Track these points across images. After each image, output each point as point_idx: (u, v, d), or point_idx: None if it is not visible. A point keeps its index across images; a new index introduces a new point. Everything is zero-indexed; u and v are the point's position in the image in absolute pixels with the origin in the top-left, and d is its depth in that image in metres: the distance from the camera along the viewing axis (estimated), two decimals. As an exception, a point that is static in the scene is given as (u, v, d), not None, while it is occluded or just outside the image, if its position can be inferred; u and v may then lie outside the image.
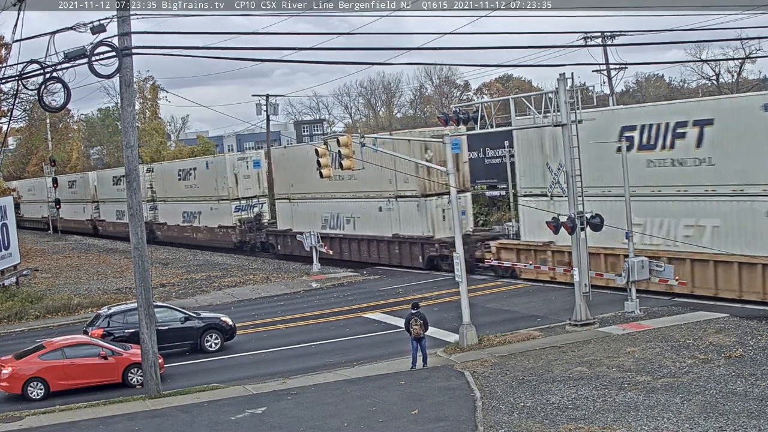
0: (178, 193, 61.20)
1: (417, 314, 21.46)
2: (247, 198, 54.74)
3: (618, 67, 54.91)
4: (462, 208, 34.57)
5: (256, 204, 54.80)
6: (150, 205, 64.63)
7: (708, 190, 26.54)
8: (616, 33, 51.89)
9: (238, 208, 54.46)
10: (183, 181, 60.38)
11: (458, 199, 26.23)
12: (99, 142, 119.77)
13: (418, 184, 38.28)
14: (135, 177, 21.67)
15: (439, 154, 35.56)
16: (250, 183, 54.81)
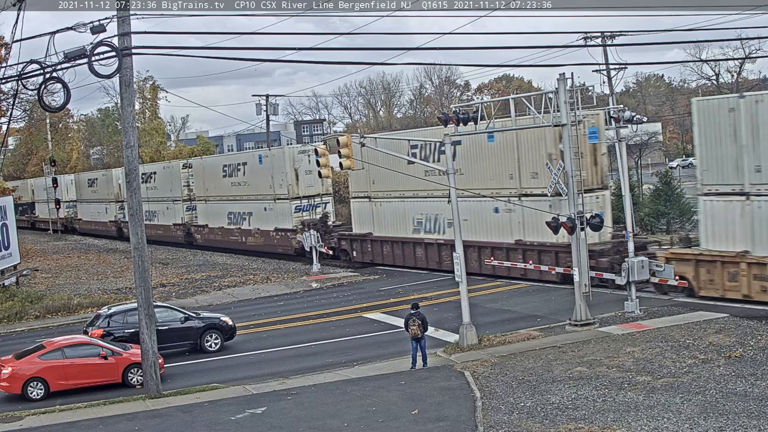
0: (222, 192, 54.78)
1: (416, 314, 21.46)
2: (309, 197, 48.21)
3: (618, 67, 54.87)
4: (599, 209, 29.93)
5: (319, 203, 48.51)
6: (187, 206, 59.94)
7: None
8: (616, 33, 51.89)
9: (299, 208, 47.92)
10: (229, 178, 53.84)
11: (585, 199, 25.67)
12: (99, 142, 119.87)
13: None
14: (135, 177, 21.66)
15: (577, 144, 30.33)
16: (312, 179, 47.36)
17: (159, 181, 64.30)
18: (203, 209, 58.08)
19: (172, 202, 61.81)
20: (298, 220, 47.14)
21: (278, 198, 48.51)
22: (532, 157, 32.21)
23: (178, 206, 61.16)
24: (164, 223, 63.47)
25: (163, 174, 64.04)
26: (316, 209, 47.86)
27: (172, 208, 62.33)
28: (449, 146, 24.76)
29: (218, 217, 55.90)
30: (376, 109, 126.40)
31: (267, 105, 70.08)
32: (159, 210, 64.34)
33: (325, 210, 48.02)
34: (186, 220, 60.04)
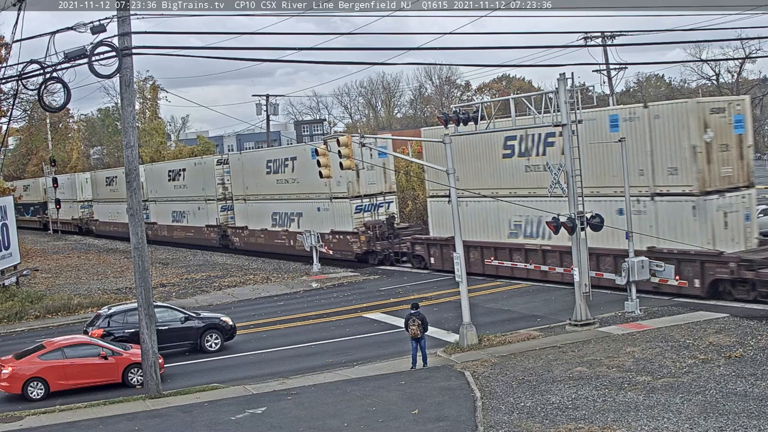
0: (266, 190, 49.67)
1: (416, 314, 21.46)
2: (370, 195, 43.23)
3: (618, 67, 54.92)
4: (746, 211, 27.48)
5: (382, 203, 43.37)
6: (222, 206, 55.28)
7: None
8: (616, 33, 51.95)
9: (360, 208, 42.59)
10: (274, 174, 48.63)
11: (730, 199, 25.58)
12: (99, 142, 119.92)
13: (695, 177, 26.89)
14: (135, 177, 21.65)
15: (722, 135, 26.95)
16: (374, 176, 43.02)
17: (189, 178, 59.26)
18: (242, 210, 52.81)
19: (205, 201, 56.92)
20: (359, 221, 42.22)
21: (335, 197, 43.37)
22: (669, 150, 27.49)
23: (212, 206, 56.25)
24: (195, 225, 58.78)
25: (194, 171, 58.63)
26: (379, 209, 43.01)
27: (204, 208, 57.31)
28: (449, 147, 24.74)
29: (260, 218, 50.58)
30: (376, 109, 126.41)
31: (267, 105, 70.10)
32: (189, 210, 59.58)
33: (388, 210, 43.42)
34: (221, 222, 55.28)
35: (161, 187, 63.47)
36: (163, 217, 63.85)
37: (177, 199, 60.49)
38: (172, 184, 61.67)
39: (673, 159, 27.50)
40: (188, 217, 59.83)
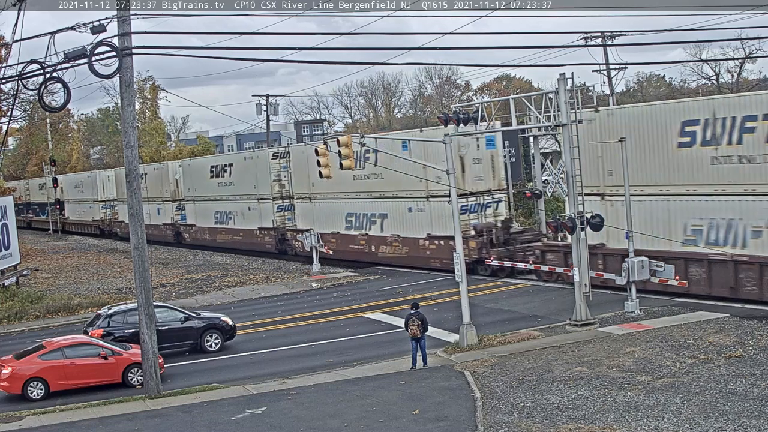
0: (338, 188, 41.80)
1: (416, 314, 21.46)
2: (477, 194, 36.38)
3: (618, 67, 54.95)
4: None
5: (490, 202, 37.04)
6: (278, 205, 49.28)
7: None
8: (616, 33, 51.98)
9: (465, 208, 35.84)
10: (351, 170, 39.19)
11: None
12: (99, 142, 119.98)
13: None
14: (135, 177, 21.65)
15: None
16: (481, 170, 36.61)
17: (237, 174, 53.06)
18: (305, 210, 46.67)
19: (257, 201, 50.83)
20: (466, 224, 35.00)
21: (434, 195, 36.87)
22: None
23: (267, 206, 50.08)
24: (245, 227, 52.39)
25: (243, 166, 52.05)
26: (486, 210, 36.58)
27: (256, 208, 51.20)
28: (449, 146, 24.74)
29: (330, 220, 44.25)
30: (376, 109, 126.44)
31: (267, 105, 70.11)
32: (237, 211, 53.41)
33: (497, 210, 36.99)
34: (278, 224, 49.32)
35: (201, 184, 56.92)
36: (204, 219, 57.40)
37: (222, 198, 54.31)
38: (216, 182, 55.04)
39: None
40: (235, 218, 53.75)
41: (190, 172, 59.24)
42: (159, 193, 63.07)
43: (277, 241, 49.55)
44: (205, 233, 57.57)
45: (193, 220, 59.08)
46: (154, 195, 63.46)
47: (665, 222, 27.83)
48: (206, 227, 57.40)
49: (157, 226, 62.84)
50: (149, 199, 62.98)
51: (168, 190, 61.65)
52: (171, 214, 61.48)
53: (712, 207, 26.40)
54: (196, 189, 58.03)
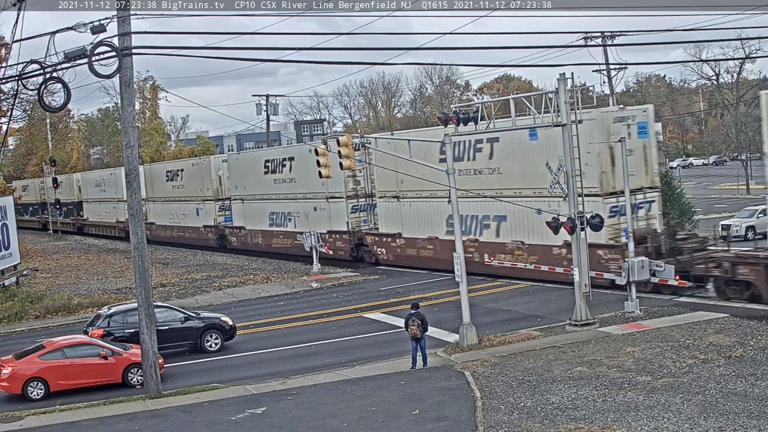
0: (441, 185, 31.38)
1: (416, 314, 21.46)
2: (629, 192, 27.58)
3: (618, 67, 54.94)
4: None
5: (642, 202, 30.47)
6: (353, 204, 42.84)
7: None
8: (616, 33, 51.96)
9: (615, 210, 29.45)
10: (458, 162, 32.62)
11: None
12: (99, 142, 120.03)
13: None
14: (135, 177, 21.66)
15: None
16: (633, 164, 29.06)
17: (299, 169, 46.08)
18: (390, 211, 40.10)
19: (326, 200, 44.31)
20: (616, 228, 29.19)
21: (555, 197, 30.50)
22: None
23: (339, 206, 43.43)
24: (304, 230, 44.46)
25: (307, 159, 42.01)
26: (638, 211, 30.17)
27: (325, 208, 44.43)
28: (449, 146, 24.74)
29: (426, 222, 37.77)
30: (376, 109, 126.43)
31: (267, 105, 70.13)
32: (299, 212, 46.80)
33: (649, 212, 30.67)
34: (353, 227, 42.84)
35: (252, 181, 50.29)
36: (256, 221, 50.83)
37: (279, 197, 48.14)
38: (271, 178, 48.70)
39: None
40: (295, 220, 47.10)
41: (237, 168, 52.89)
42: (198, 191, 56.19)
43: (353, 247, 42.73)
44: (256, 237, 50.71)
45: (242, 221, 52.43)
46: (193, 194, 57.02)
47: None
48: (258, 230, 50.43)
49: (196, 229, 56.93)
50: (186, 198, 57.51)
51: (210, 188, 55.16)
52: (213, 215, 55.02)
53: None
54: (246, 187, 51.01)
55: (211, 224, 55.79)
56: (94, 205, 75.74)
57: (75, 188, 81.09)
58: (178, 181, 59.65)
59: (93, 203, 76.37)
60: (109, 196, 70.20)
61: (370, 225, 42.97)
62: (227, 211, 54.63)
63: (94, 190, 75.51)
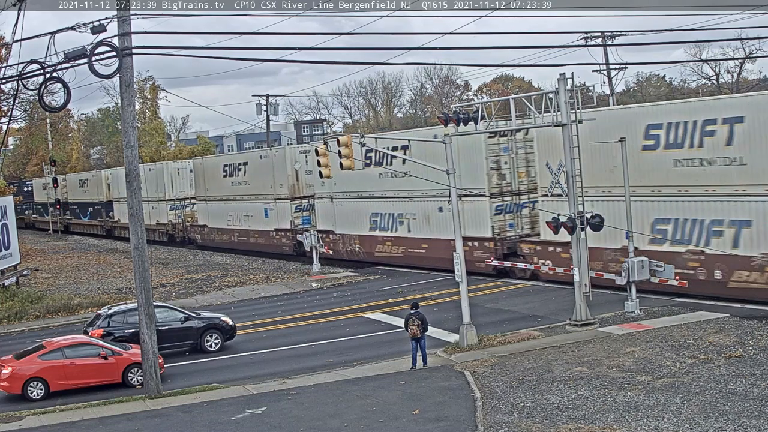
0: (646, 179, 27.52)
1: (416, 314, 21.46)
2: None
3: (618, 67, 54.95)
4: None
5: None
6: (497, 204, 34.39)
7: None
8: (616, 33, 51.98)
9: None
10: (683, 149, 26.44)
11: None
12: (99, 142, 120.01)
13: None
14: (135, 177, 21.66)
15: None
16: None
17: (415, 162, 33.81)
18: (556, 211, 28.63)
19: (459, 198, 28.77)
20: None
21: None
22: None
23: (480, 205, 34.58)
24: (424, 236, 37.59)
25: (426, 149, 33.21)
26: None
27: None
28: (449, 147, 24.73)
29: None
30: (376, 109, 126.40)
31: (267, 105, 70.12)
32: (416, 213, 38.06)
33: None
34: (498, 231, 34.22)
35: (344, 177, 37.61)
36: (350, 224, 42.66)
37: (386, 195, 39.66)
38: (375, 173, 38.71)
39: None
40: (411, 224, 38.72)
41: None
42: (269, 188, 48.73)
43: (500, 258, 34.29)
44: (353, 243, 42.62)
45: (330, 225, 44.03)
46: (261, 191, 49.47)
47: None
48: (355, 235, 42.23)
49: (265, 233, 49.04)
50: (251, 196, 49.89)
51: (284, 185, 47.42)
52: (289, 217, 47.34)
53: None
54: (336, 183, 41.12)
55: (285, 227, 47.84)
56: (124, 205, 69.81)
57: (103, 186, 73.18)
58: (238, 176, 51.91)
59: (126, 203, 72.65)
60: (147, 194, 61.22)
61: (517, 230, 34.58)
62: (305, 212, 47.57)
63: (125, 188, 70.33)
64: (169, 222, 61.47)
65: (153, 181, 61.69)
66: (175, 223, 60.62)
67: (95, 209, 75.40)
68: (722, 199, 25.91)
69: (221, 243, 54.27)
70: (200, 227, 55.36)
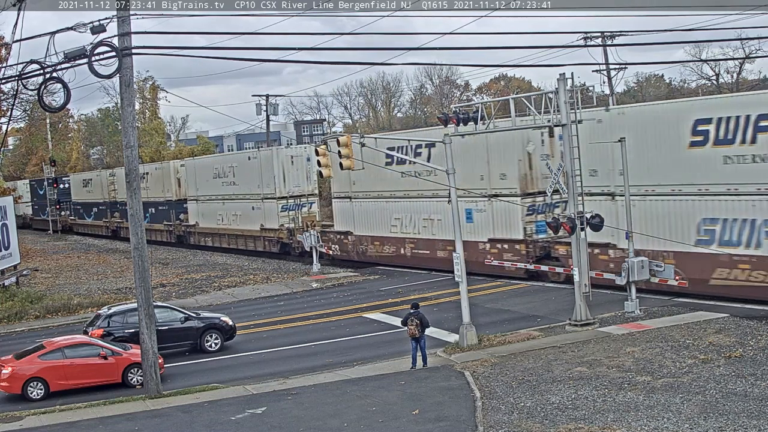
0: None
1: (415, 314, 21.46)
2: None
3: (618, 67, 54.94)
4: None
5: None
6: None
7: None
8: (616, 33, 51.97)
9: None
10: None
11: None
12: (99, 142, 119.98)
13: None
14: (135, 177, 21.65)
15: None
16: None
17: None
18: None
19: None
20: None
21: None
22: None
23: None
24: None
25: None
26: None
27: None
28: (449, 147, 24.73)
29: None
30: (376, 109, 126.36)
31: (267, 105, 70.11)
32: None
33: None
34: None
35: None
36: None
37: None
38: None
39: None
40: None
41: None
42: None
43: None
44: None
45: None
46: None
47: None
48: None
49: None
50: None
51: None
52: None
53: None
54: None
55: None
56: (209, 205, 55.67)
57: (172, 182, 60.99)
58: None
59: (206, 202, 56.23)
60: (241, 190, 51.33)
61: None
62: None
63: (208, 184, 55.23)
64: (281, 227, 48.59)
65: (248, 174, 51.00)
66: (288, 228, 47.86)
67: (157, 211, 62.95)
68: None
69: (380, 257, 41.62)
70: (341, 236, 43.18)
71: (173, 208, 60.52)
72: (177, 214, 59.98)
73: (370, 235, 41.08)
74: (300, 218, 47.18)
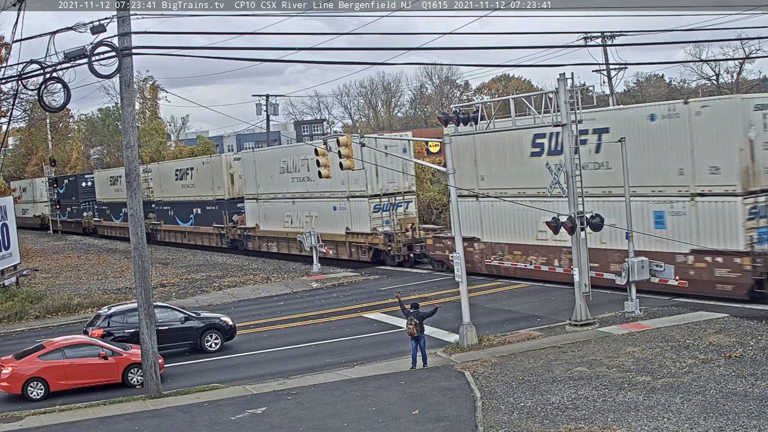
0: None
1: (414, 314, 21.46)
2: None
3: (618, 67, 54.93)
4: None
5: None
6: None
7: None
8: (616, 33, 51.97)
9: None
10: None
11: None
12: (99, 142, 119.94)
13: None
14: (135, 177, 21.65)
15: None
16: None
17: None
18: None
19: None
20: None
21: None
22: None
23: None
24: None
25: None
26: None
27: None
28: (449, 146, 24.74)
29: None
30: (376, 109, 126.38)
31: (267, 105, 70.09)
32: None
33: None
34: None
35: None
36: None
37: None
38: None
39: None
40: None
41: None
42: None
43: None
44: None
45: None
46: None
47: None
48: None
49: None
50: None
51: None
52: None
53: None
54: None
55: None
56: (274, 205, 48.52)
57: (224, 178, 53.83)
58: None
59: (269, 201, 48.88)
60: (319, 187, 43.26)
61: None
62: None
63: (272, 180, 48.16)
64: (374, 231, 41.33)
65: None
66: (387, 232, 41.06)
67: (203, 211, 56.68)
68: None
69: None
70: (466, 241, 32.74)
71: (225, 208, 53.52)
72: (230, 215, 53.40)
73: (508, 243, 33.66)
74: (395, 220, 40.93)
